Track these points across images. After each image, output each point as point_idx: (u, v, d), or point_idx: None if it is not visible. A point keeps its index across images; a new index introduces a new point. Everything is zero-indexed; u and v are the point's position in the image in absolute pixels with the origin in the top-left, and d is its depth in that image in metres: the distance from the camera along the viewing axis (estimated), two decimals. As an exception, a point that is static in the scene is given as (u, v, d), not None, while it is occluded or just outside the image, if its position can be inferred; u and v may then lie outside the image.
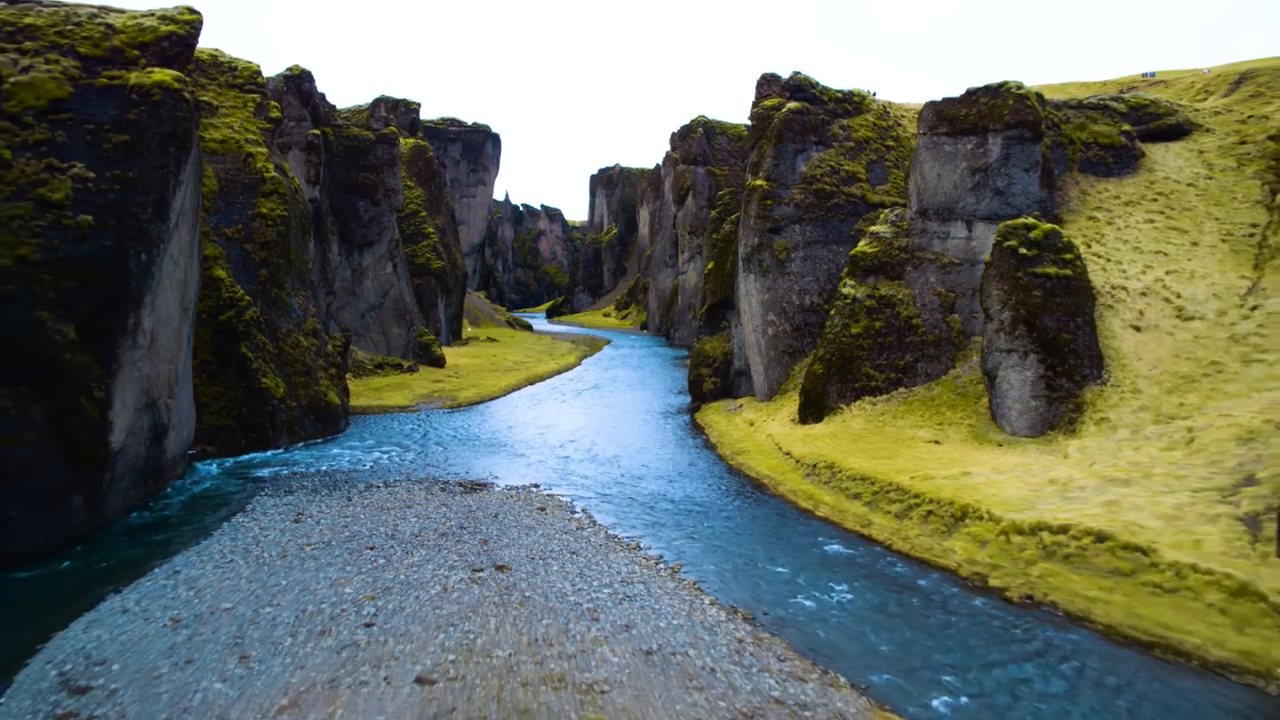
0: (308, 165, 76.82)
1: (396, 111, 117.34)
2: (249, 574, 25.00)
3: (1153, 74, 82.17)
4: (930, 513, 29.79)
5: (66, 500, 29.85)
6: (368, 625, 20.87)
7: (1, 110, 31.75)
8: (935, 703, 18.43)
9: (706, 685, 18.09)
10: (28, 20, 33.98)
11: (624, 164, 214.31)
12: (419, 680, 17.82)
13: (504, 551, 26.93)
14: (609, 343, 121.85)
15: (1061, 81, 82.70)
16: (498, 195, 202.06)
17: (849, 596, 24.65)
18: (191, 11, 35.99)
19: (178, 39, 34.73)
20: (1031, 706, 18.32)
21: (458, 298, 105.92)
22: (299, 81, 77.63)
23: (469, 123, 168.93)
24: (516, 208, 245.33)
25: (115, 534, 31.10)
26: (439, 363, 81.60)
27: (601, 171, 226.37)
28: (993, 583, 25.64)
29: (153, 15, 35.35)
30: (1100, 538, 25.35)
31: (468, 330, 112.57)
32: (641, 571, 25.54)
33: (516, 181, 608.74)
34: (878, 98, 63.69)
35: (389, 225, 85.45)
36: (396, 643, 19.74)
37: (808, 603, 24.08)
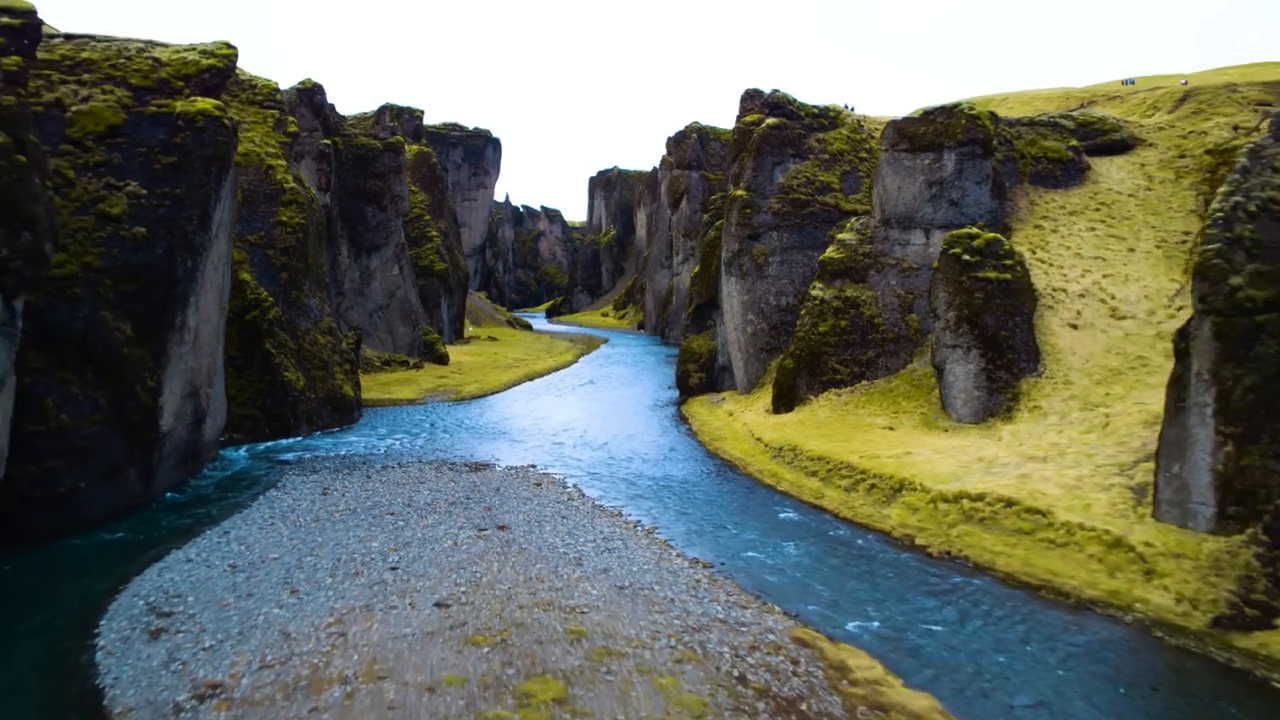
0: (319, 173, 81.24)
1: (401, 119, 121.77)
2: (289, 533, 29.57)
3: (1132, 80, 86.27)
4: (874, 486, 34.39)
5: (124, 475, 34.41)
6: (393, 569, 25.46)
7: (65, 136, 36.33)
8: (849, 625, 22.99)
9: (666, 609, 22.67)
10: (85, 55, 38.52)
11: (622, 166, 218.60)
12: (437, 604, 22.40)
13: (505, 516, 31.56)
14: (606, 342, 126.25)
15: (1045, 88, 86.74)
16: (498, 197, 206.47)
17: (795, 552, 29.22)
18: (228, 46, 40.55)
19: (216, 71, 39.28)
20: (925, 629, 22.88)
21: (460, 298, 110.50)
22: (311, 94, 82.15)
23: (470, 128, 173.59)
24: (517, 209, 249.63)
25: (162, 508, 35.50)
26: (443, 360, 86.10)
27: (600, 174, 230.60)
28: (919, 541, 30.21)
29: (194, 49, 39.89)
30: (1009, 503, 29.94)
31: (469, 329, 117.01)
32: (621, 532, 30.14)
33: (517, 182, 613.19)
34: (854, 112, 68.24)
35: (395, 229, 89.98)
36: (417, 580, 24.34)
37: (759, 556, 28.67)
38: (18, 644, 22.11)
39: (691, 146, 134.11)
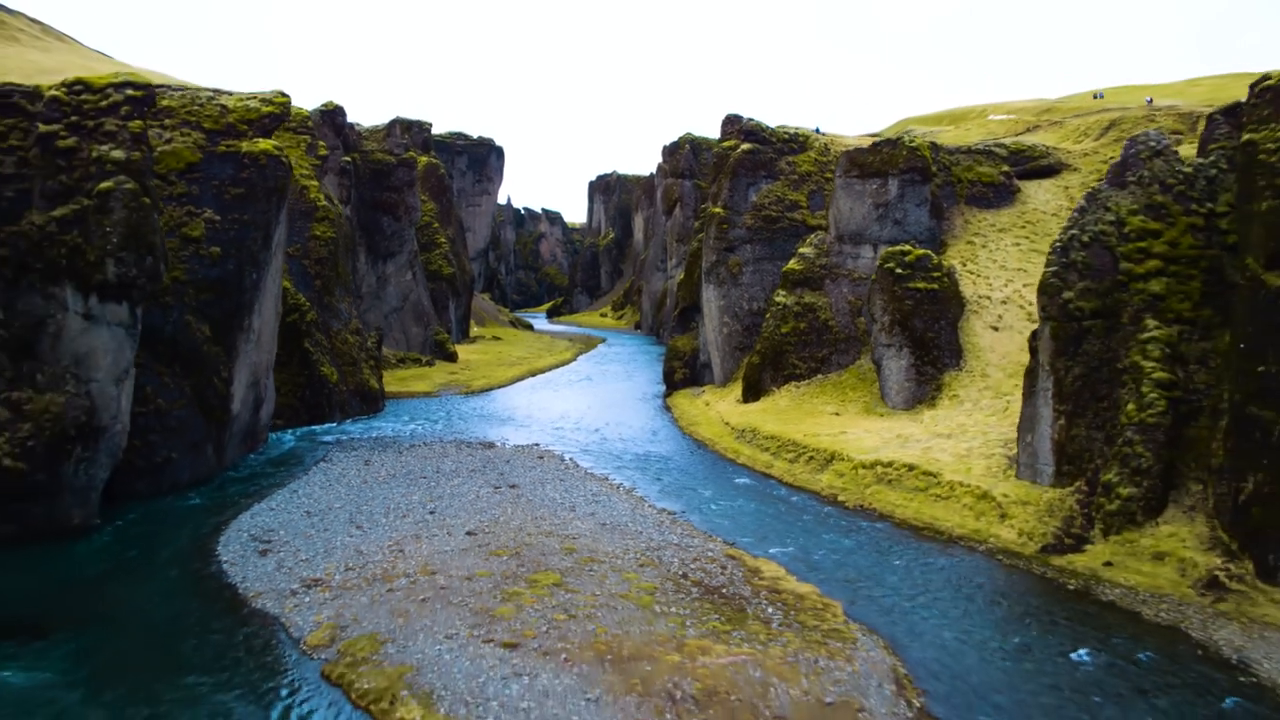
0: (340, 187, 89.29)
1: (411, 131, 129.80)
2: (344, 491, 37.66)
3: (1101, 94, 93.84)
4: (812, 458, 42.47)
5: (204, 449, 42.45)
6: (431, 512, 33.56)
7: (153, 171, 44.35)
8: (771, 551, 31.04)
9: (635, 537, 30.79)
10: (164, 102, 46.53)
11: (621, 171, 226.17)
12: (468, 533, 30.50)
13: (514, 479, 39.69)
14: (604, 341, 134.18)
15: (1022, 100, 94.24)
16: (500, 200, 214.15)
17: (743, 505, 37.31)
18: (282, 95, 48.61)
19: (274, 116, 47.34)
20: (827, 554, 30.95)
21: (466, 300, 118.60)
22: (333, 115, 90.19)
23: (475, 136, 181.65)
24: (518, 210, 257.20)
25: (229, 479, 43.37)
26: (452, 358, 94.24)
27: (600, 178, 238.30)
28: (840, 498, 38.30)
29: (255, 98, 47.95)
30: (911, 468, 38.01)
31: (475, 329, 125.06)
32: (607, 490, 38.26)
33: (519, 185, 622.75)
34: (822, 135, 76.33)
35: (409, 238, 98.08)
36: (451, 519, 32.44)
37: (714, 507, 36.79)
38: (158, 567, 30.06)
39: (685, 156, 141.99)
